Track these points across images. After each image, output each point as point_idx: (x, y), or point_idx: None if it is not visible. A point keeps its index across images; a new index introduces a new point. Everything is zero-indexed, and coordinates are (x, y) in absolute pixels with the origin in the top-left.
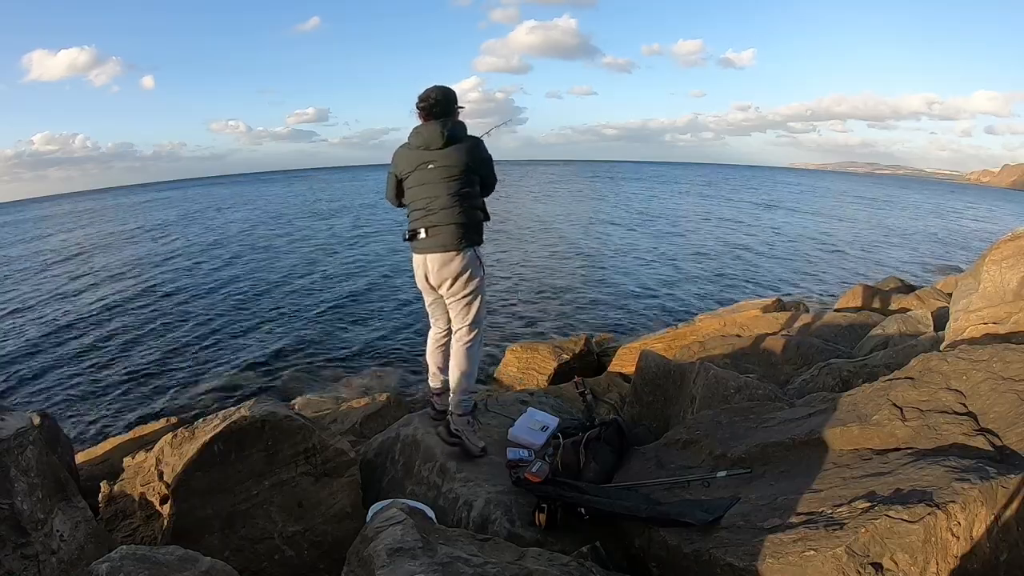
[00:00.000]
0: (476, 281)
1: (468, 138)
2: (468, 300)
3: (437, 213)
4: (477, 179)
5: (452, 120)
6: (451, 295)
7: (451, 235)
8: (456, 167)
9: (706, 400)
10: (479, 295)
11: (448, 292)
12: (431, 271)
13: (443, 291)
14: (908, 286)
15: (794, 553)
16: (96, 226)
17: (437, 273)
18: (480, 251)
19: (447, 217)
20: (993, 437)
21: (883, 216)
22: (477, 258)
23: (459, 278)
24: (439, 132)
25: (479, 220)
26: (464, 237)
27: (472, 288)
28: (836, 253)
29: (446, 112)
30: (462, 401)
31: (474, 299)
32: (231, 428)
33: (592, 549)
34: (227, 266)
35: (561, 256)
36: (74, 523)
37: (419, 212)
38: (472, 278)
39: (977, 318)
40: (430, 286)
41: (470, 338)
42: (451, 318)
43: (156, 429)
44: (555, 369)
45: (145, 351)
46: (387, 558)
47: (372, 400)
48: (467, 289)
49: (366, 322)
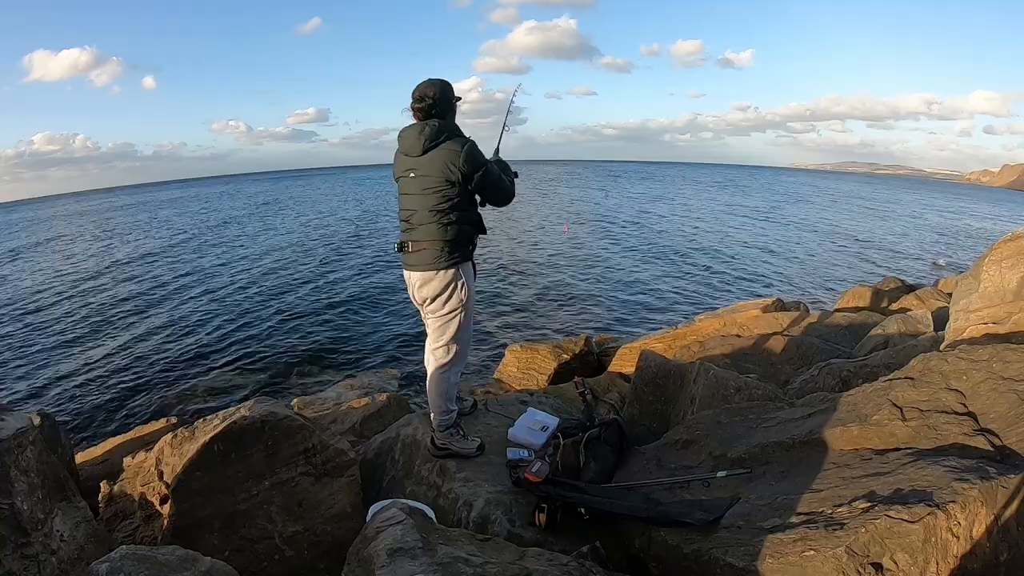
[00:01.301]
0: (456, 301)
1: (452, 142)
2: (446, 320)
3: (417, 229)
4: (461, 190)
5: (441, 121)
6: (430, 313)
7: (431, 254)
8: (433, 177)
9: (706, 400)
10: (459, 315)
11: (427, 310)
12: (414, 287)
13: (423, 308)
14: (908, 286)
15: (794, 553)
16: (96, 226)
17: (418, 290)
18: (466, 268)
19: (426, 234)
20: (993, 437)
21: (883, 216)
22: (461, 276)
23: (438, 298)
24: (417, 136)
25: (466, 235)
26: (445, 256)
27: (450, 308)
28: (836, 253)
29: (445, 110)
30: (442, 421)
31: (452, 319)
32: (231, 428)
33: (592, 549)
34: (227, 266)
35: (561, 256)
36: (74, 523)
37: (403, 224)
38: (451, 298)
39: (977, 318)
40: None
41: (446, 360)
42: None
43: (156, 429)
44: (555, 369)
45: (145, 351)
46: (387, 558)
47: (372, 400)
48: (445, 309)
49: (366, 322)
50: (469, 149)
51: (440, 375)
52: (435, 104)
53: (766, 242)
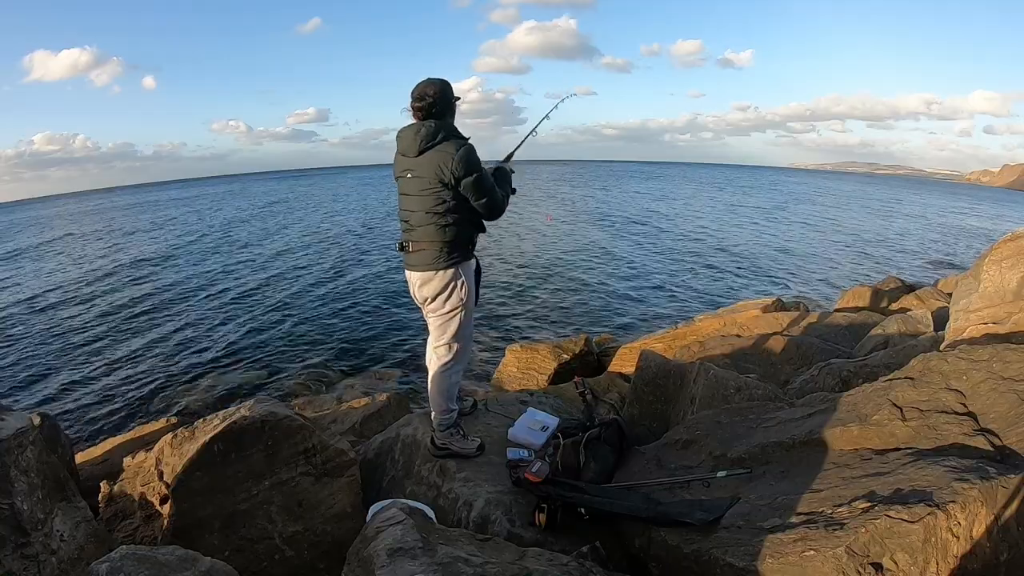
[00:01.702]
0: (456, 300)
1: (448, 144)
2: (447, 318)
3: (416, 230)
4: (455, 192)
5: (439, 121)
6: (430, 312)
7: (430, 254)
8: (428, 178)
9: (706, 400)
10: (459, 314)
11: (428, 309)
12: (415, 287)
13: (424, 308)
14: (908, 286)
15: (794, 553)
16: (96, 227)
17: (419, 290)
18: (467, 268)
19: (425, 235)
20: (993, 437)
21: (883, 216)
22: (461, 275)
23: (438, 297)
24: (414, 136)
25: (466, 235)
26: (444, 256)
27: (451, 307)
28: (836, 253)
29: (444, 109)
30: (443, 420)
31: (452, 318)
32: (231, 428)
33: (592, 549)
34: (227, 266)
35: (561, 256)
36: (74, 523)
37: (403, 224)
38: (451, 297)
39: (977, 318)
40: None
41: (448, 359)
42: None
43: (156, 429)
44: (555, 369)
45: (145, 351)
46: (387, 558)
47: (372, 400)
48: (445, 308)
49: (366, 322)
50: (464, 152)
51: (442, 374)
52: (435, 103)
53: (766, 242)
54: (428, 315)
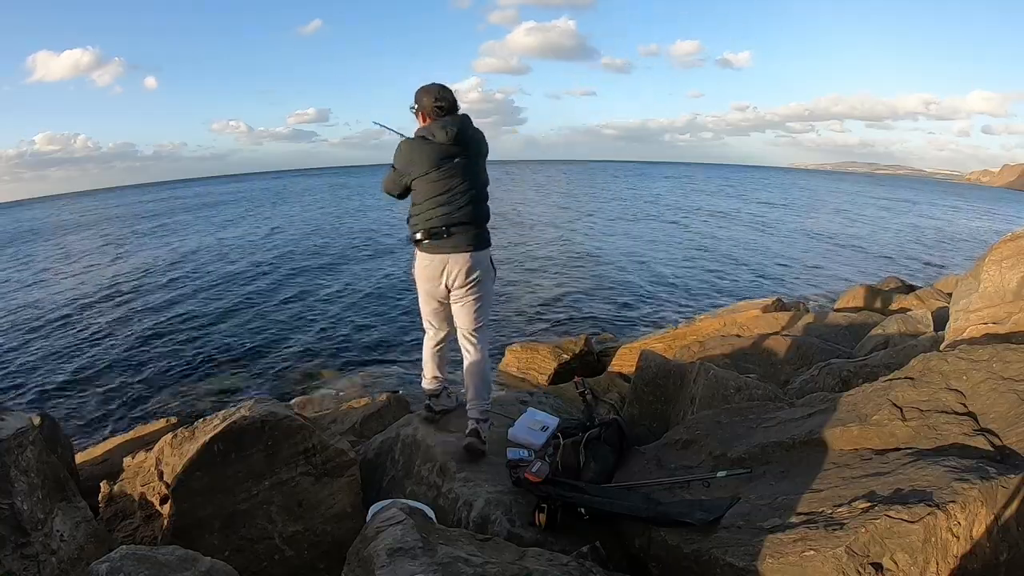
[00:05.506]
0: (494, 276)
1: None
2: (486, 298)
3: (464, 209)
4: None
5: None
6: (470, 294)
7: (481, 234)
8: (479, 160)
9: (706, 400)
10: (492, 291)
11: (466, 292)
12: (454, 272)
13: (460, 292)
14: (908, 286)
15: (794, 553)
16: (96, 227)
17: (463, 273)
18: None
19: (478, 213)
20: (993, 437)
21: (883, 216)
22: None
23: (487, 276)
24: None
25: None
26: (487, 234)
27: (488, 289)
28: (836, 253)
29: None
30: (485, 410)
31: (489, 296)
32: (231, 428)
33: (592, 549)
34: (227, 267)
35: (561, 255)
36: (74, 523)
37: (443, 208)
38: (490, 279)
39: (977, 318)
40: (443, 290)
41: (487, 341)
42: (462, 320)
43: (156, 429)
44: (555, 369)
45: (145, 351)
46: (387, 558)
47: (372, 400)
48: (482, 290)
49: (366, 323)
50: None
51: (485, 358)
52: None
53: (766, 242)
54: (464, 298)
